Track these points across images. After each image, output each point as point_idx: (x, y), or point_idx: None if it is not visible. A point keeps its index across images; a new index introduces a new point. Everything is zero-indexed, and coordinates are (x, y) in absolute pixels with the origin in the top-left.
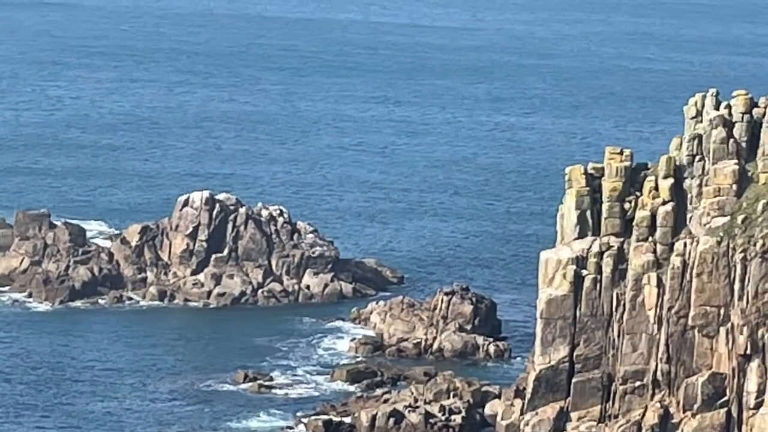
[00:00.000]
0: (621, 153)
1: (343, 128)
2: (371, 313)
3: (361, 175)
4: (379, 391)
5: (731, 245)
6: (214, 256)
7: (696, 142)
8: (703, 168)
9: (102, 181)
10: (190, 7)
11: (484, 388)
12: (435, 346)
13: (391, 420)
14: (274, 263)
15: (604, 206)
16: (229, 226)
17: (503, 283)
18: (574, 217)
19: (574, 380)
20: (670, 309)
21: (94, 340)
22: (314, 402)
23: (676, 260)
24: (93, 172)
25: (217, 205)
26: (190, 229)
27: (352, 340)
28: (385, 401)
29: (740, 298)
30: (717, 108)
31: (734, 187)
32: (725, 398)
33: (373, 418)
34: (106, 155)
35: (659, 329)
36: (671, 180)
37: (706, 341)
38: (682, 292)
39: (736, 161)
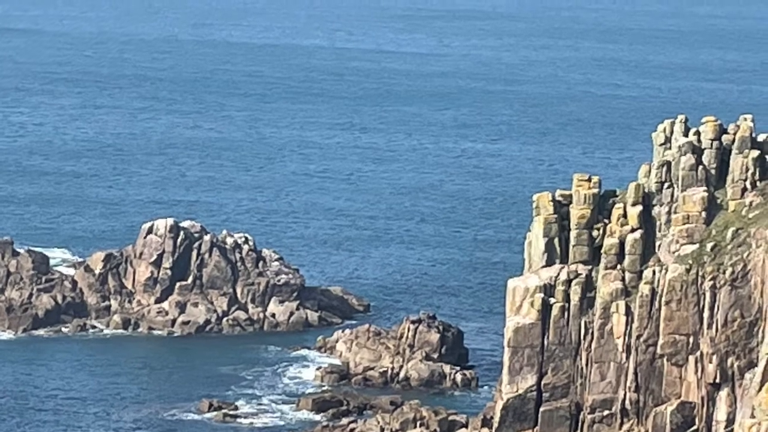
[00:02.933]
0: (589, 180)
1: (308, 155)
2: (337, 341)
3: (326, 203)
4: (345, 421)
5: (700, 273)
6: (178, 284)
7: (665, 168)
8: (672, 195)
9: (65, 208)
10: (155, 33)
11: (451, 418)
12: (401, 374)
13: None
14: (239, 291)
15: (572, 234)
16: (194, 253)
17: (470, 311)
18: (541, 244)
19: (541, 409)
20: (638, 337)
21: (58, 369)
22: (280, 431)
23: (644, 288)
24: (56, 199)
25: (182, 233)
26: (155, 257)
27: (318, 368)
28: (351, 430)
29: (709, 327)
30: (686, 134)
31: (703, 214)
32: (694, 427)
33: None
34: (69, 182)
35: (628, 358)
36: (640, 207)
37: (675, 370)
38: (650, 320)
39: (705, 188)
